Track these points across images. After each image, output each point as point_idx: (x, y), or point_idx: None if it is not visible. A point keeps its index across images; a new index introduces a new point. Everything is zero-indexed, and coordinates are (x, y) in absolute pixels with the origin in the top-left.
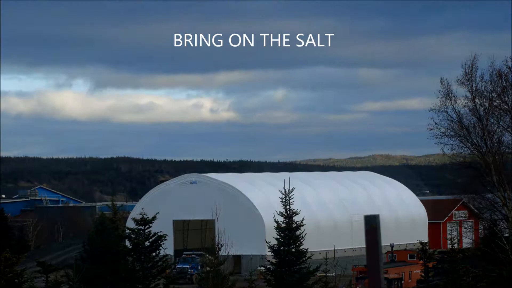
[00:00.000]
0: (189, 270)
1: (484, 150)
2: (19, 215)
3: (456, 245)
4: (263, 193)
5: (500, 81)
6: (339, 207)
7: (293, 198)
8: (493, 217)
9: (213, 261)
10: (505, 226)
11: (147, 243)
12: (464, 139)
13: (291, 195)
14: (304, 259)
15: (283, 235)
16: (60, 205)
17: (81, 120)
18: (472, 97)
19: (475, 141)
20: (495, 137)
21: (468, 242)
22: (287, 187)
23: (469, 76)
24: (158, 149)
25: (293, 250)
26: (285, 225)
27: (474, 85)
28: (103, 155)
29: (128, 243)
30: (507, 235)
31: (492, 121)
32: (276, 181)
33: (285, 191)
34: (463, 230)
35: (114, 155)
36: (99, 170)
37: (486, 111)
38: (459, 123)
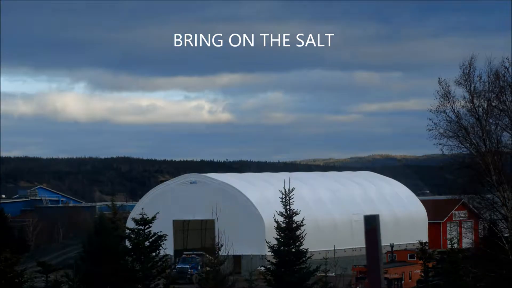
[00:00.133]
0: (189, 270)
1: (483, 150)
2: (19, 215)
3: (456, 245)
4: (263, 193)
5: (498, 82)
6: (339, 207)
7: (293, 198)
8: (492, 217)
9: (213, 261)
10: (504, 226)
11: (147, 243)
12: (463, 139)
13: (291, 195)
14: (304, 259)
15: (283, 235)
16: (60, 205)
17: (82, 121)
18: (470, 97)
19: (474, 141)
20: (494, 137)
21: (468, 242)
22: (287, 187)
23: (467, 76)
24: (158, 149)
25: (293, 250)
26: (285, 225)
27: (472, 85)
28: (103, 155)
29: (128, 243)
30: (506, 235)
31: (490, 121)
32: (276, 181)
33: (285, 191)
34: (463, 230)
35: (114, 155)
36: (99, 170)
37: (484, 111)
38: (458, 124)
